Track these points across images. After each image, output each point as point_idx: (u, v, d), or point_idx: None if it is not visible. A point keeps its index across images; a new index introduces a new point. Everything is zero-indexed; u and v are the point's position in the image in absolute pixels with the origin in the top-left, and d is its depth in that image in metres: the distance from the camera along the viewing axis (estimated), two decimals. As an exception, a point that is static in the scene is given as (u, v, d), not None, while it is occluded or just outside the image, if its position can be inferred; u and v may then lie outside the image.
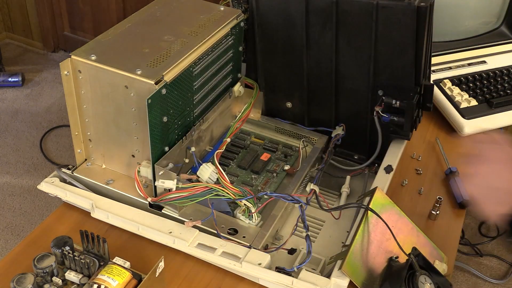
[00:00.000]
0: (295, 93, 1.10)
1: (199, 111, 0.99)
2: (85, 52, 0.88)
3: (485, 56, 1.38)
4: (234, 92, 1.08)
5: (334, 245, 0.93)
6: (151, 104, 0.82)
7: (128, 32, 0.94)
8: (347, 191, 1.04)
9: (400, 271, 0.79)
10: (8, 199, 2.12)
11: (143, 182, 0.92)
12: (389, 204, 0.90)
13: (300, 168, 1.02)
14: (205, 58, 0.95)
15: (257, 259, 0.82)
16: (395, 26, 0.94)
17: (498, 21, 1.44)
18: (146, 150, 0.89)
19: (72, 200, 0.92)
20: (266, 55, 1.08)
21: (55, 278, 0.80)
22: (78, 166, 0.97)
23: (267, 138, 1.12)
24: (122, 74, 0.84)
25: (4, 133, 2.44)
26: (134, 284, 0.77)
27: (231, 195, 0.87)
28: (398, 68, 0.98)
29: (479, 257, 2.00)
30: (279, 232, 0.94)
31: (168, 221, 0.88)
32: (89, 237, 0.81)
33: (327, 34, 0.99)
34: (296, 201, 0.86)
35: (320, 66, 1.04)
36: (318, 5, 0.97)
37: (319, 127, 1.10)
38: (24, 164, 2.28)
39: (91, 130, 0.94)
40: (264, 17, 1.03)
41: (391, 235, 0.84)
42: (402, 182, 1.09)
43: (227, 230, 0.88)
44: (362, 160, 1.11)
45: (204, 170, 0.90)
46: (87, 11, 2.75)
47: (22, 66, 2.89)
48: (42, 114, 2.56)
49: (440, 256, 0.91)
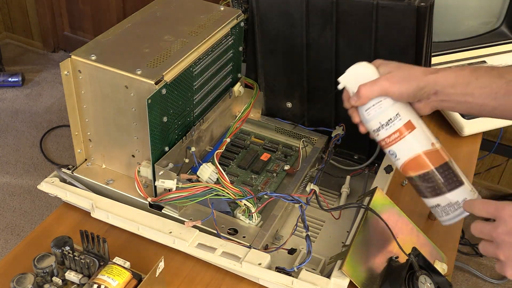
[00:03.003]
0: (295, 93, 1.10)
1: (199, 111, 0.99)
2: (85, 52, 0.88)
3: (485, 56, 1.38)
4: (234, 92, 1.08)
5: (334, 245, 0.93)
6: (151, 104, 0.82)
7: (128, 32, 0.94)
8: (347, 191, 1.04)
9: (400, 271, 0.79)
10: (8, 199, 2.12)
11: (143, 182, 0.92)
12: (389, 204, 0.90)
13: (300, 168, 1.02)
14: (205, 58, 0.95)
15: (257, 259, 0.82)
16: (395, 26, 0.94)
17: (498, 21, 1.44)
18: (146, 150, 0.89)
19: (72, 200, 0.92)
20: (266, 55, 1.08)
21: (55, 278, 0.80)
22: (78, 166, 0.98)
23: (267, 138, 1.12)
24: (122, 74, 0.84)
25: (4, 133, 2.44)
26: (134, 284, 0.77)
27: (231, 195, 0.87)
28: (398, 68, 0.98)
29: (479, 257, 2.00)
30: (279, 232, 0.94)
31: (168, 221, 0.88)
32: (89, 237, 0.81)
33: (327, 34, 0.99)
34: (296, 201, 0.86)
35: (320, 66, 1.04)
36: (318, 5, 0.97)
37: (319, 127, 1.11)
38: (24, 164, 2.28)
39: (91, 130, 0.94)
40: (264, 17, 1.03)
41: (391, 235, 0.84)
42: (402, 182, 1.09)
43: (227, 230, 0.88)
44: (362, 160, 1.11)
45: (204, 170, 0.90)
46: (87, 11, 2.75)
47: (22, 66, 2.89)
48: (42, 114, 2.56)
49: (440, 256, 0.91)
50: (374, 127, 0.77)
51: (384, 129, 0.76)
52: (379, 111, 0.76)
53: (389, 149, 0.78)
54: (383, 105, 0.76)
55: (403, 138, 0.76)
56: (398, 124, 0.75)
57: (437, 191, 0.76)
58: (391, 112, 0.76)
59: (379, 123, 0.76)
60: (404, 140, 0.76)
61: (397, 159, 0.78)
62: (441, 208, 0.77)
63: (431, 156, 0.76)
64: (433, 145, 0.76)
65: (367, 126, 0.78)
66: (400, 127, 0.75)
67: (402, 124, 0.75)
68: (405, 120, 0.76)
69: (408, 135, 0.76)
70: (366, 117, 0.77)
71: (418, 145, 0.76)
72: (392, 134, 0.76)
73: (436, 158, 0.76)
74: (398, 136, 0.76)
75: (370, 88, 0.75)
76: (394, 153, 0.77)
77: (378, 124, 0.76)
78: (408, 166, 0.77)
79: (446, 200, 0.76)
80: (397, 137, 0.76)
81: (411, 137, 0.76)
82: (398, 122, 0.75)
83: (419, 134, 0.76)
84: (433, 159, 0.76)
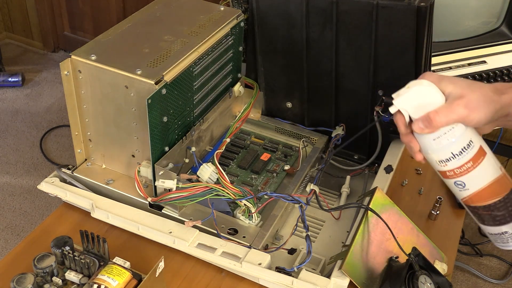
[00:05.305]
0: (295, 93, 1.10)
1: (199, 111, 0.99)
2: (85, 52, 0.88)
3: (485, 56, 1.38)
4: (234, 92, 1.08)
5: (334, 245, 0.93)
6: (151, 104, 0.82)
7: (128, 32, 0.94)
8: (347, 191, 1.04)
9: (400, 271, 0.79)
10: (8, 199, 2.12)
11: (143, 182, 0.92)
12: (389, 204, 0.90)
13: (300, 168, 1.02)
14: (205, 58, 0.95)
15: (257, 259, 0.82)
16: (395, 26, 0.94)
17: (498, 21, 1.44)
18: (146, 150, 0.89)
19: (72, 200, 0.92)
20: (266, 55, 1.08)
21: (55, 278, 0.80)
22: (78, 166, 0.97)
23: (267, 138, 1.12)
24: (122, 74, 0.84)
25: (4, 133, 2.44)
26: (134, 284, 0.77)
27: (231, 195, 0.87)
28: (398, 68, 0.98)
29: (479, 257, 2.00)
30: (279, 232, 0.94)
31: (168, 221, 0.88)
32: (89, 237, 0.81)
33: (327, 34, 0.99)
34: (296, 201, 0.86)
35: (320, 66, 1.04)
36: (318, 5, 0.97)
37: (319, 127, 1.11)
38: (24, 164, 2.28)
39: (91, 130, 0.94)
40: (264, 17, 1.03)
41: (391, 235, 0.84)
42: (402, 182, 1.09)
43: (227, 230, 0.88)
44: (362, 160, 1.11)
45: (204, 170, 0.90)
46: (87, 11, 2.75)
47: (22, 66, 2.89)
48: (42, 114, 2.56)
49: (440, 256, 0.91)
50: (442, 157, 0.68)
51: (456, 159, 0.67)
52: (452, 140, 0.67)
53: (457, 179, 0.69)
54: (456, 133, 0.66)
55: (476, 167, 0.67)
56: (471, 152, 0.67)
57: (507, 218, 0.69)
58: (464, 140, 0.67)
59: (450, 153, 0.67)
60: (477, 169, 0.68)
61: (465, 189, 0.69)
62: (509, 235, 0.71)
63: (502, 182, 0.69)
64: (501, 169, 0.69)
65: (430, 155, 0.69)
66: (473, 156, 0.67)
67: (475, 152, 0.67)
68: (478, 147, 0.67)
69: (482, 163, 0.67)
70: (434, 147, 0.67)
71: (491, 173, 0.68)
72: (465, 164, 0.67)
73: (506, 184, 0.69)
74: (471, 166, 0.67)
75: (445, 116, 0.65)
76: (462, 184, 0.69)
77: (449, 154, 0.67)
78: (478, 196, 0.69)
79: None
80: (470, 167, 0.67)
81: (485, 165, 0.68)
82: (471, 150, 0.67)
83: (490, 160, 0.69)
84: (503, 186, 0.69)
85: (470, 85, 0.67)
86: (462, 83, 0.68)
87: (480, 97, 0.66)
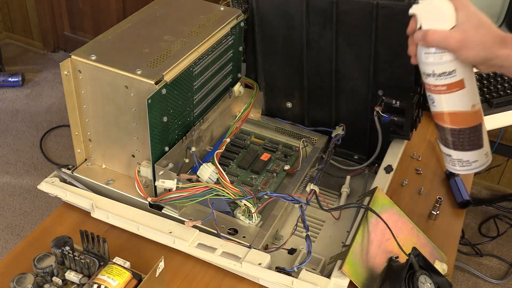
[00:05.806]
0: (295, 93, 1.10)
1: (199, 111, 0.99)
2: (85, 52, 0.88)
3: (485, 56, 1.38)
4: (234, 92, 1.08)
5: (334, 245, 0.93)
6: (151, 104, 0.82)
7: (128, 32, 0.94)
8: (347, 191, 1.04)
9: (400, 271, 0.79)
10: (8, 199, 2.12)
11: (143, 182, 0.92)
12: (389, 204, 0.90)
13: (300, 168, 1.02)
14: (205, 58, 0.95)
15: (257, 259, 0.82)
16: (395, 26, 0.94)
17: (498, 21, 1.44)
18: (146, 150, 0.89)
19: (72, 200, 0.92)
20: (266, 55, 1.08)
21: (55, 278, 0.80)
22: (78, 166, 0.98)
23: (267, 138, 1.12)
24: (122, 74, 0.84)
25: (4, 133, 2.44)
26: (134, 284, 0.77)
27: (231, 195, 0.87)
28: (398, 68, 0.98)
29: (479, 257, 2.00)
30: (279, 232, 0.94)
31: (168, 221, 0.88)
32: (89, 237, 0.81)
33: (327, 34, 0.99)
34: (296, 201, 0.86)
35: (320, 66, 1.04)
36: (318, 5, 0.97)
37: (319, 127, 1.11)
38: (24, 164, 2.28)
39: (91, 130, 0.94)
40: (264, 17, 1.03)
41: (391, 235, 0.84)
42: (402, 182, 1.09)
43: (227, 230, 0.88)
44: (362, 160, 1.11)
45: (204, 170, 0.90)
46: (87, 11, 2.75)
47: (22, 66, 2.89)
48: (42, 114, 2.56)
49: (440, 256, 0.91)
50: (426, 71, 0.74)
51: (434, 78, 0.74)
52: (438, 61, 0.73)
53: (430, 94, 0.76)
54: (444, 58, 0.72)
55: (448, 93, 0.74)
56: (449, 80, 0.73)
57: (456, 146, 0.77)
58: (448, 67, 0.72)
59: (432, 70, 0.73)
60: (448, 95, 0.74)
61: (434, 106, 0.77)
62: (451, 159, 0.79)
63: (466, 117, 0.75)
64: (472, 107, 0.75)
65: (419, 64, 0.76)
66: (450, 83, 0.73)
67: (453, 81, 0.73)
68: (458, 79, 0.73)
69: (454, 93, 0.74)
70: (423, 59, 0.74)
71: (459, 104, 0.75)
72: (440, 85, 0.74)
73: (469, 120, 0.75)
74: (444, 90, 0.74)
75: (439, 38, 0.71)
76: (433, 100, 0.76)
77: (431, 71, 0.74)
78: (440, 116, 0.76)
79: (459, 156, 0.77)
80: (443, 90, 0.74)
81: (456, 96, 0.74)
82: (451, 78, 0.73)
83: (464, 95, 0.74)
84: (466, 120, 0.75)
85: (479, 27, 0.70)
86: (474, 20, 0.71)
87: (479, 42, 0.69)
